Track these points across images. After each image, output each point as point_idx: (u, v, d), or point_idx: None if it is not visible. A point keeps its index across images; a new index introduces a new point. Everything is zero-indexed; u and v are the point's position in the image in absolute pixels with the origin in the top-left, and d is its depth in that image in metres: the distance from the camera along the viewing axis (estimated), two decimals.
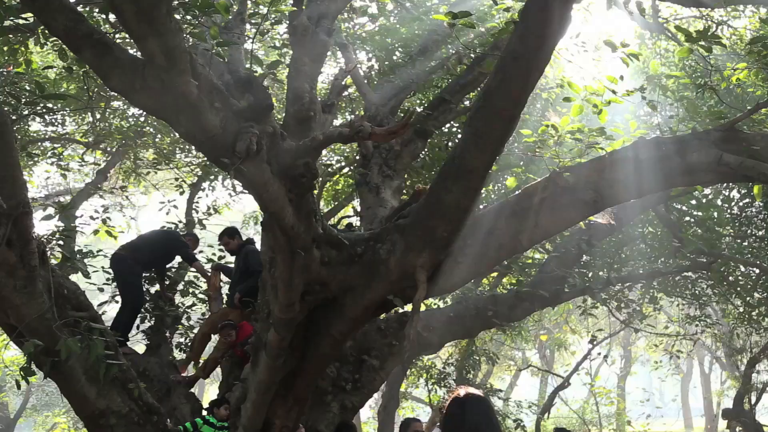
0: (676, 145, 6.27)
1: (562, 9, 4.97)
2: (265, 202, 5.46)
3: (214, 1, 4.93)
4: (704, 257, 10.72)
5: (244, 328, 9.26)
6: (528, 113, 12.94)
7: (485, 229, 6.39)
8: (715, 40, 6.45)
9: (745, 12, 14.36)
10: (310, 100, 7.59)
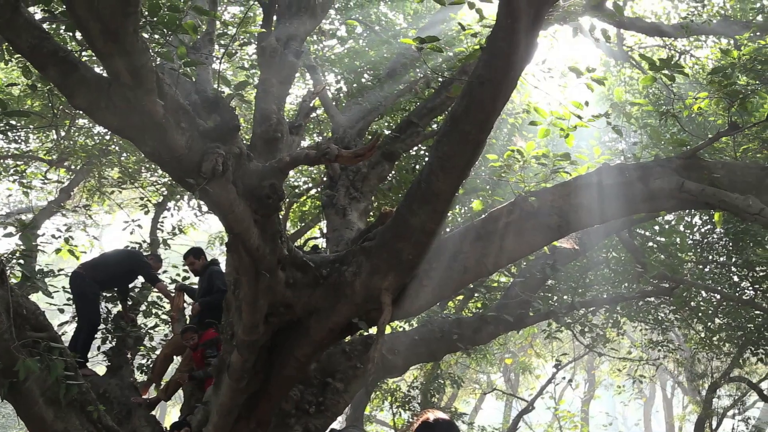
0: (639, 172, 6.35)
1: (529, 35, 5.03)
2: (231, 223, 5.42)
3: (182, 21, 4.93)
4: (667, 282, 10.83)
5: (207, 333, 9.17)
6: (495, 138, 13.04)
7: (450, 252, 6.41)
8: (678, 69, 6.56)
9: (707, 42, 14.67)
10: (278, 121, 7.59)
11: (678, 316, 13.37)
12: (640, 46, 16.21)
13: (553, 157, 7.03)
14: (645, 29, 13.74)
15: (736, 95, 6.77)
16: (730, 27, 12.38)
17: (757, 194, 5.82)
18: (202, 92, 6.54)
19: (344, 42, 14.23)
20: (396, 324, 13.87)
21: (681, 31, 12.81)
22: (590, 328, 12.79)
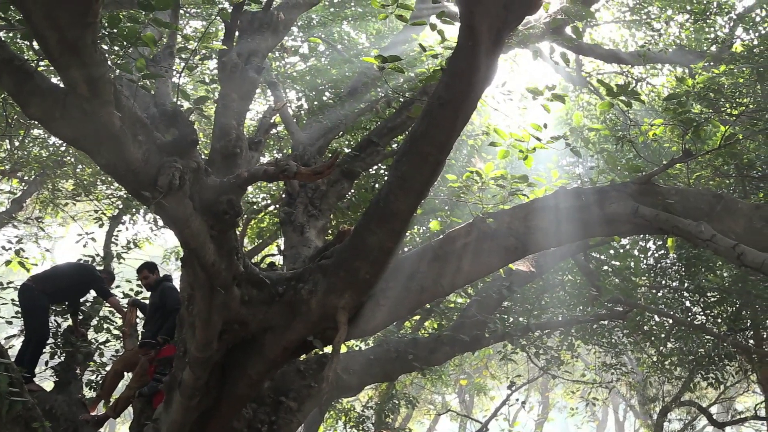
0: (595, 196, 6.43)
1: (489, 58, 5.07)
2: (186, 238, 5.35)
3: (142, 34, 4.88)
4: (620, 306, 10.95)
5: (166, 348, 9.03)
6: (454, 159, 13.13)
7: (407, 272, 6.42)
8: (635, 96, 6.66)
9: (663, 70, 14.96)
10: (237, 136, 7.54)
11: (631, 340, 13.52)
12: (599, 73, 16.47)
13: (511, 179, 7.09)
14: (603, 56, 13.98)
15: (690, 123, 6.89)
16: (685, 56, 12.64)
17: (710, 221, 5.92)
18: (161, 105, 6.47)
19: (306, 59, 14.22)
20: (351, 343, 13.82)
21: (638, 59, 13.05)
22: (545, 350, 12.88)
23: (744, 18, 11.34)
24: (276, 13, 8.75)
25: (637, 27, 15.05)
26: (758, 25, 9.90)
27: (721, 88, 7.88)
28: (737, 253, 5.37)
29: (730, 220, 6.11)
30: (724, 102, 7.97)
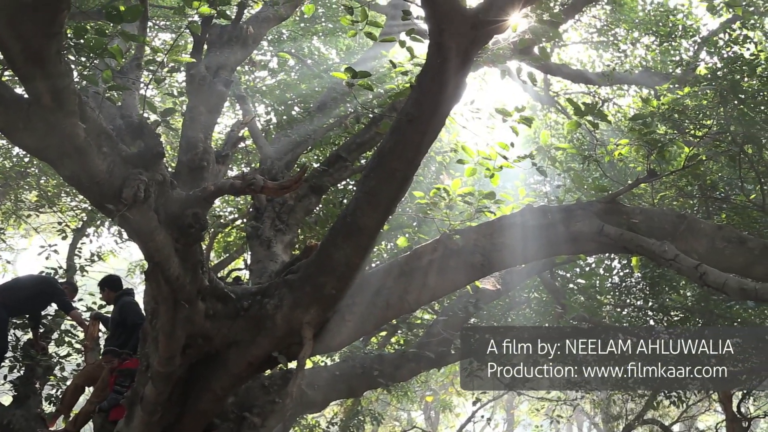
0: (561, 214, 6.49)
1: (458, 76, 5.11)
2: (151, 251, 5.30)
3: (109, 45, 4.84)
4: (586, 324, 11.02)
5: (129, 361, 8.90)
6: (422, 175, 13.16)
7: (374, 288, 6.41)
8: (601, 116, 6.74)
9: (629, 91, 15.16)
10: (204, 149, 7.51)
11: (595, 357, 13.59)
12: (566, 92, 16.65)
13: (478, 195, 7.12)
14: (571, 76, 14.14)
15: (655, 144, 6.99)
16: (650, 78, 12.83)
17: (673, 241, 6.00)
18: (127, 117, 6.43)
19: (276, 74, 14.21)
20: (317, 358, 13.74)
21: (605, 80, 13.22)
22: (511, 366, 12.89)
23: (708, 41, 11.54)
24: (245, 27, 8.75)
25: (605, 48, 15.26)
26: (721, 49, 10.08)
27: (685, 110, 7.99)
28: (700, 273, 5.45)
29: (693, 241, 6.20)
30: (688, 124, 8.09)
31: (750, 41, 9.91)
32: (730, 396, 14.87)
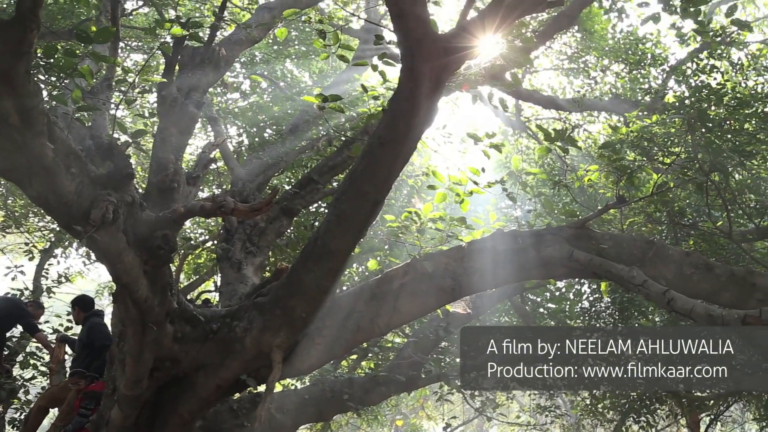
0: (531, 239, 6.53)
1: (429, 100, 5.14)
2: (119, 273, 5.25)
3: (79, 66, 4.81)
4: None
5: (96, 384, 8.76)
6: (393, 198, 13.18)
7: (344, 311, 6.40)
8: (571, 142, 6.80)
9: (600, 117, 15.33)
10: (175, 171, 7.47)
11: (565, 383, 13.62)
12: (537, 118, 16.79)
13: (449, 220, 7.14)
14: (541, 102, 14.27)
15: (624, 170, 7.07)
16: (620, 105, 12.98)
17: (642, 266, 6.06)
18: (97, 138, 6.38)
19: (248, 96, 14.21)
20: (287, 382, 13.64)
21: (575, 106, 13.36)
22: (480, 391, 12.88)
23: (676, 70, 11.72)
24: (218, 49, 8.74)
25: (575, 75, 15.43)
26: (689, 78, 10.24)
27: (653, 138, 8.10)
28: (668, 298, 5.50)
29: (661, 266, 6.26)
30: (657, 151, 8.19)
31: (717, 71, 10.08)
32: (698, 421, 14.95)
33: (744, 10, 17.10)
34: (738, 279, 6.17)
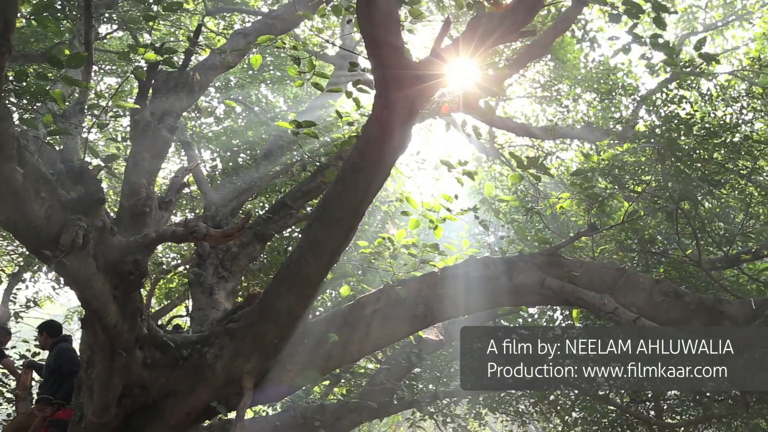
0: (504, 266, 6.57)
1: (403, 127, 5.17)
2: (88, 299, 5.19)
3: (51, 90, 4.78)
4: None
5: (64, 411, 8.61)
6: (367, 224, 13.17)
7: (316, 337, 6.38)
8: (543, 170, 6.86)
9: (572, 145, 15.47)
10: (147, 195, 7.42)
11: (537, 409, 13.62)
12: (510, 145, 16.91)
13: (422, 246, 7.17)
14: (514, 129, 14.37)
15: (596, 198, 7.15)
16: (592, 133, 13.11)
17: (613, 294, 6.11)
18: (68, 162, 6.33)
19: (222, 121, 14.19)
20: (258, 408, 13.51)
21: (547, 134, 13.48)
22: (453, 418, 12.84)
23: (646, 100, 11.88)
24: (192, 74, 8.73)
25: (548, 103, 15.58)
26: (659, 108, 10.39)
27: (624, 166, 8.19)
28: (638, 326, 5.54)
29: (632, 294, 6.32)
30: (628, 179, 8.28)
31: (686, 101, 10.24)
32: None
33: (713, 41, 17.43)
34: (707, 307, 6.25)
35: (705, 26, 17.23)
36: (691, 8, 16.97)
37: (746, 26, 16.50)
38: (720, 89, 11.40)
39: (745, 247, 9.63)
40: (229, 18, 14.71)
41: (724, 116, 9.68)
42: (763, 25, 13.41)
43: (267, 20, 10.37)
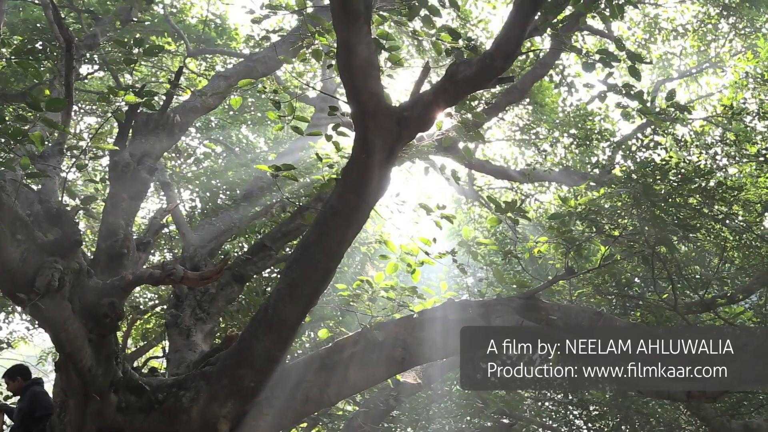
0: (481, 309, 6.59)
1: (382, 170, 5.22)
2: (62, 342, 5.14)
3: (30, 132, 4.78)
4: (506, 418, 11.02)
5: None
6: (346, 266, 13.17)
7: (294, 380, 6.34)
8: (521, 214, 6.92)
9: (551, 188, 15.59)
10: (125, 236, 7.39)
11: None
12: (489, 187, 17.01)
13: (401, 289, 7.18)
14: (493, 172, 14.49)
15: (573, 242, 7.19)
16: (570, 176, 13.23)
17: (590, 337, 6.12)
18: (45, 203, 6.31)
19: (201, 162, 14.20)
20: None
21: (525, 178, 13.60)
22: None
23: (622, 145, 12.04)
24: (172, 116, 8.75)
25: (527, 146, 15.72)
26: (634, 154, 10.53)
27: (601, 210, 8.27)
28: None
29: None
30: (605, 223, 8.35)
31: (661, 147, 10.39)
32: None
33: (688, 87, 17.73)
34: None
35: (680, 73, 17.54)
36: (666, 55, 17.28)
37: (720, 73, 16.83)
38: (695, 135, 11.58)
39: (721, 291, 9.72)
40: (210, 59, 14.79)
41: (699, 161, 9.82)
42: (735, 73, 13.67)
43: (248, 63, 10.44)
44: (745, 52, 14.55)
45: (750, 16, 14.09)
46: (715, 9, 14.73)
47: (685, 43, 16.67)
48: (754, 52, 13.48)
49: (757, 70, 12.74)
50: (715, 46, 16.25)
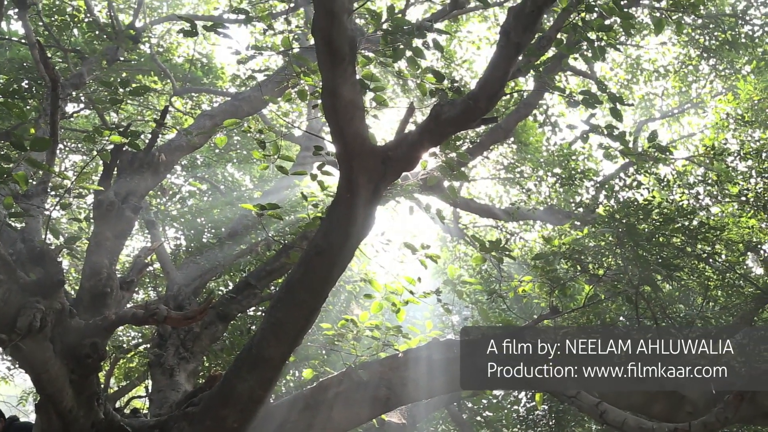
0: (467, 349, 6.55)
1: (366, 210, 5.23)
2: (43, 383, 5.08)
3: (14, 172, 4.77)
4: None
5: None
6: (331, 304, 13.12)
7: (277, 421, 6.30)
8: (506, 252, 6.95)
9: (535, 226, 15.67)
10: (108, 275, 7.35)
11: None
12: (474, 225, 17.07)
13: (386, 329, 7.17)
14: (478, 210, 14.55)
15: (557, 281, 7.22)
16: (554, 215, 13.31)
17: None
18: (29, 242, 6.27)
19: (186, 200, 14.19)
20: None
21: (509, 217, 13.66)
22: None
23: (605, 185, 12.15)
24: (157, 155, 8.76)
25: (511, 184, 15.81)
26: (617, 193, 10.63)
27: (585, 250, 8.32)
28: (600, 411, 5.56)
29: None
30: (589, 262, 8.40)
31: (644, 186, 10.49)
32: None
33: (670, 127, 17.95)
34: (668, 392, 6.28)
35: (662, 113, 17.77)
36: (648, 95, 17.51)
37: (701, 114, 17.07)
38: (677, 175, 11.70)
39: (705, 330, 9.73)
40: (196, 98, 14.85)
41: (681, 201, 9.91)
42: (716, 114, 13.87)
43: (234, 102, 10.48)
44: (725, 93, 14.76)
45: (730, 58, 14.32)
46: (695, 51, 14.94)
47: (666, 83, 16.91)
48: (734, 93, 13.68)
49: (738, 111, 12.94)
50: (696, 86, 16.49)
